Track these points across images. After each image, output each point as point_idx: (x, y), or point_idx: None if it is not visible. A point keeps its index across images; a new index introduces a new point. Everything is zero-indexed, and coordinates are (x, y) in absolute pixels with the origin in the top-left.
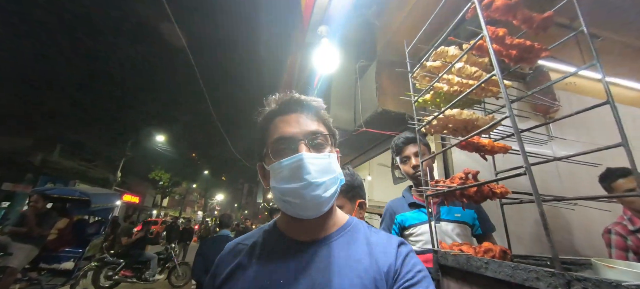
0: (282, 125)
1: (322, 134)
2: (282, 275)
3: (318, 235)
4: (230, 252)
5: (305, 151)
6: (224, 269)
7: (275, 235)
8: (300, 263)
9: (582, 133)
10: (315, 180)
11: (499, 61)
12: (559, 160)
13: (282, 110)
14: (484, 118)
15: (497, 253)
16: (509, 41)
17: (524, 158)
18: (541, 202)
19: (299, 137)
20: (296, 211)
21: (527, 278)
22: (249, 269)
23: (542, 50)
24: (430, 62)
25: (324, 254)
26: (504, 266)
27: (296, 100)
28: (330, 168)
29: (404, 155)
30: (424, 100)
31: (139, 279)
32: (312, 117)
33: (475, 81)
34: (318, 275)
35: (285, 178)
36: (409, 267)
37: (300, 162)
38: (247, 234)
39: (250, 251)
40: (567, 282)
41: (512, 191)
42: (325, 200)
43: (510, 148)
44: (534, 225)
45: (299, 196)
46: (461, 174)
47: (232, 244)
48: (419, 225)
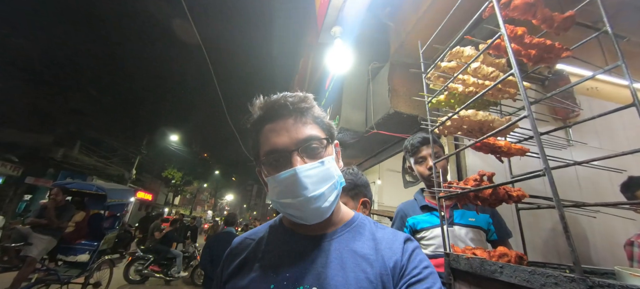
0: (272, 135)
1: (316, 138)
2: (289, 269)
3: (324, 230)
4: (237, 247)
5: (299, 165)
6: (230, 264)
7: (281, 230)
8: (307, 257)
9: (605, 140)
10: (313, 194)
11: (518, 61)
12: (580, 164)
13: (269, 116)
14: (500, 119)
15: (512, 258)
16: (528, 40)
17: (543, 159)
18: (561, 205)
19: (290, 148)
20: (298, 219)
21: (545, 283)
22: (255, 263)
23: (563, 50)
24: (445, 63)
25: (329, 248)
26: (520, 271)
27: (282, 104)
28: (327, 175)
29: (420, 156)
30: (438, 100)
31: (166, 275)
32: (303, 120)
33: (491, 82)
34: (324, 269)
35: (283, 193)
36: (415, 263)
37: (294, 177)
38: (254, 230)
39: (257, 246)
40: (588, 287)
41: (529, 196)
42: (326, 209)
43: (527, 150)
44: (550, 232)
45: (298, 208)
46: (476, 176)
47: (239, 239)
48: (430, 228)
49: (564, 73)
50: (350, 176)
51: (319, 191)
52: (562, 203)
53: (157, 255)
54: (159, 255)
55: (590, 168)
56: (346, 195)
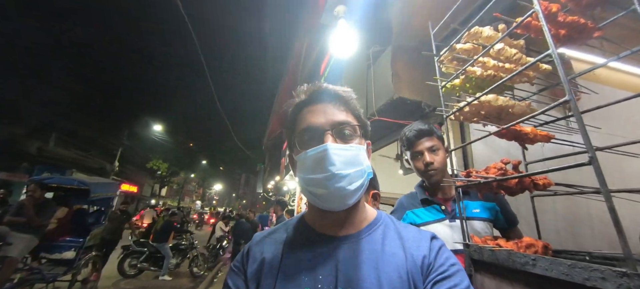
0: (309, 115)
1: (350, 125)
2: (321, 272)
3: (349, 230)
4: (260, 244)
5: (330, 142)
6: (254, 262)
7: (306, 230)
8: (337, 259)
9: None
10: (339, 172)
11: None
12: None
13: (310, 100)
14: (520, 104)
15: (539, 249)
16: (561, 19)
17: (588, 145)
18: (610, 196)
19: (325, 127)
20: (320, 202)
21: (589, 278)
22: (283, 265)
23: (595, 29)
24: (461, 44)
25: (359, 249)
26: (558, 264)
27: (324, 90)
28: (356, 160)
29: (416, 150)
30: (452, 85)
31: (161, 268)
32: (340, 107)
33: (512, 64)
34: (356, 271)
35: (310, 168)
36: (442, 260)
37: (324, 153)
38: (272, 228)
39: (282, 246)
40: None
41: (554, 184)
42: (350, 193)
43: (553, 136)
44: (563, 218)
45: (322, 186)
46: (500, 164)
47: (260, 237)
48: (430, 223)
49: (565, 56)
50: None
51: (346, 172)
52: (609, 192)
53: (151, 249)
54: (152, 249)
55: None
56: None
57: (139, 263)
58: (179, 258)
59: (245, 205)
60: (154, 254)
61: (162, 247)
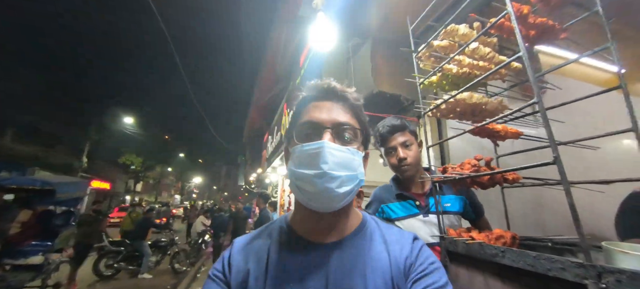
0: (314, 110)
1: (352, 127)
2: (310, 281)
3: (336, 237)
4: (240, 253)
5: (328, 140)
6: (236, 276)
7: (292, 236)
8: (326, 268)
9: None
10: (330, 172)
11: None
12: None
13: (317, 96)
14: (492, 101)
15: (508, 240)
16: (531, 20)
17: (552, 145)
18: (570, 190)
19: (326, 125)
20: (307, 199)
21: (551, 269)
22: (267, 277)
23: (561, 30)
24: (438, 41)
25: (346, 257)
26: (524, 255)
27: (333, 88)
28: (350, 164)
29: (389, 146)
30: (429, 82)
31: (137, 268)
32: (345, 109)
33: (486, 63)
34: (345, 279)
35: (303, 163)
36: (422, 259)
37: (320, 150)
38: (254, 233)
39: (265, 255)
40: (598, 273)
41: (522, 178)
42: (338, 196)
43: (521, 133)
44: (530, 206)
45: (311, 183)
46: (474, 161)
47: (241, 245)
48: (405, 218)
49: (533, 50)
50: None
51: (337, 173)
52: (570, 183)
53: (128, 248)
54: (130, 248)
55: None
56: None
57: (116, 263)
58: (159, 255)
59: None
60: (131, 253)
61: (140, 245)
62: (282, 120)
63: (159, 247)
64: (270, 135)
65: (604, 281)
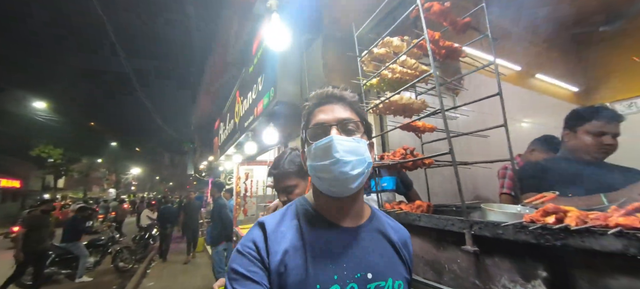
0: (319, 114)
1: (353, 121)
2: (344, 259)
3: (358, 222)
4: (274, 234)
5: (335, 134)
6: (273, 257)
7: (319, 220)
8: (354, 247)
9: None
10: (343, 158)
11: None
12: (464, 134)
13: (320, 102)
14: (417, 102)
15: (424, 208)
16: (441, 43)
17: (448, 141)
18: (457, 169)
19: (331, 123)
20: (327, 186)
21: (446, 225)
22: (306, 252)
23: (461, 51)
24: (377, 49)
25: (367, 238)
26: (431, 218)
27: (332, 93)
28: (358, 150)
29: None
30: (370, 84)
31: (73, 271)
32: (345, 107)
33: (412, 71)
34: (370, 257)
35: (318, 157)
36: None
37: (330, 142)
38: (277, 216)
39: (298, 235)
40: (470, 225)
41: (434, 162)
42: (352, 177)
43: (435, 128)
44: (445, 179)
45: (328, 171)
46: (402, 150)
47: (273, 227)
48: None
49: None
50: (299, 158)
51: (348, 158)
52: (457, 164)
53: (58, 252)
54: (60, 252)
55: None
56: (296, 177)
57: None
58: (98, 255)
59: (172, 188)
60: (62, 256)
61: (74, 246)
62: (235, 107)
63: (97, 246)
64: (222, 122)
65: (474, 229)
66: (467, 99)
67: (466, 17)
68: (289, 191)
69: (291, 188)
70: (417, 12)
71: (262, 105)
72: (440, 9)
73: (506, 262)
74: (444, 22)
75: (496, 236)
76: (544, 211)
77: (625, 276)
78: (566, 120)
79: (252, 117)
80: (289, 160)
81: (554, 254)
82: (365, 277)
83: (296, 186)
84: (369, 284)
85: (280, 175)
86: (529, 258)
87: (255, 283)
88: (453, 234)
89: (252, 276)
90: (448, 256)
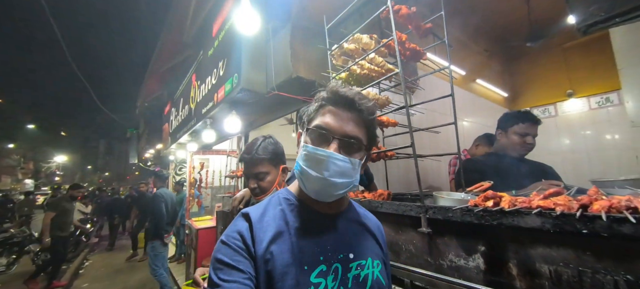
0: (330, 115)
1: (358, 140)
2: (327, 242)
3: (338, 209)
4: (260, 223)
5: (333, 150)
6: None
7: (302, 208)
8: (335, 231)
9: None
10: (331, 179)
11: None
12: (424, 130)
13: (337, 102)
14: (382, 98)
15: (385, 196)
16: (407, 45)
17: (410, 134)
18: (417, 162)
19: (335, 135)
20: (309, 191)
21: (405, 210)
22: (292, 237)
23: (424, 54)
24: (347, 44)
25: (347, 224)
26: (392, 205)
27: (352, 100)
28: (348, 172)
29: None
30: (340, 77)
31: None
32: (358, 122)
33: (378, 68)
34: (351, 239)
35: (310, 162)
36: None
37: (325, 158)
38: (261, 206)
39: (283, 222)
40: (425, 210)
41: (395, 155)
42: (335, 195)
43: (397, 123)
44: (402, 171)
45: (314, 182)
46: None
47: (257, 217)
48: None
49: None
50: (272, 146)
51: (336, 180)
52: (417, 156)
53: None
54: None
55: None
56: (269, 164)
57: None
58: (11, 256)
59: (108, 178)
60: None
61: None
62: (191, 92)
63: (9, 245)
64: (174, 107)
65: (429, 213)
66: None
67: (427, 23)
68: (260, 178)
69: (263, 174)
70: (387, 13)
71: (223, 92)
72: (407, 12)
73: (453, 240)
74: (409, 25)
75: (447, 218)
76: (485, 197)
77: (541, 246)
78: (499, 122)
79: (212, 104)
80: (263, 146)
81: (490, 232)
82: (348, 257)
83: (268, 173)
84: (351, 263)
85: (253, 160)
86: (471, 236)
87: (240, 271)
88: (410, 218)
89: (237, 265)
90: (405, 238)
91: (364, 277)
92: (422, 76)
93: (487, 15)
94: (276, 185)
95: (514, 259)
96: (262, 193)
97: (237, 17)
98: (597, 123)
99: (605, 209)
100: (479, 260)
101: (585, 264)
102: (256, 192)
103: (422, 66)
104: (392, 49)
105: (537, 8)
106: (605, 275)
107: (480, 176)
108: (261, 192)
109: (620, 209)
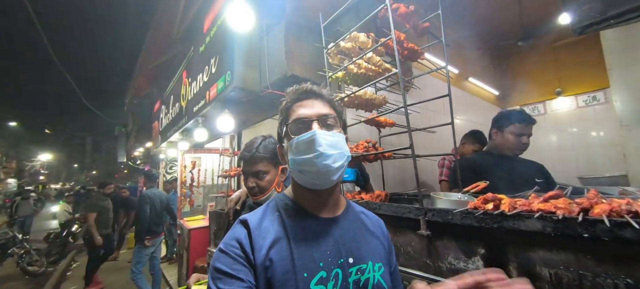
0: (299, 108)
1: (332, 116)
2: (326, 246)
3: (336, 212)
4: (258, 230)
5: (317, 129)
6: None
7: (300, 212)
8: (334, 235)
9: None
10: (325, 151)
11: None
12: (422, 130)
13: (299, 98)
14: (379, 97)
15: (383, 197)
16: (405, 44)
17: (409, 136)
18: (416, 160)
19: (313, 118)
20: (309, 179)
21: (404, 213)
22: (290, 242)
23: (421, 53)
24: (344, 43)
25: (346, 227)
26: (391, 206)
27: (311, 89)
28: (338, 144)
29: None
30: (336, 76)
31: None
32: (325, 103)
33: (376, 67)
34: (351, 243)
35: (301, 150)
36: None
37: (313, 136)
38: (258, 212)
39: (280, 227)
40: (424, 212)
41: (393, 155)
42: (334, 170)
43: (395, 123)
44: (397, 171)
45: (312, 164)
46: (364, 143)
47: (255, 224)
48: None
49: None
50: (272, 145)
51: (330, 152)
52: (416, 157)
53: None
54: None
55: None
56: (269, 163)
57: None
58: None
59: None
60: None
61: None
62: (181, 89)
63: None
64: (165, 104)
65: (428, 215)
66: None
67: (425, 22)
68: (259, 177)
69: (262, 173)
70: (385, 11)
71: (215, 90)
72: (406, 11)
73: (453, 243)
74: (407, 24)
75: (446, 221)
76: (484, 199)
77: (542, 249)
78: (494, 121)
79: (204, 102)
80: (263, 145)
81: (490, 234)
82: (347, 262)
83: (267, 172)
84: (351, 268)
85: (253, 159)
86: (471, 238)
87: (240, 280)
88: (409, 220)
89: (236, 274)
90: (404, 240)
91: (364, 281)
92: (418, 75)
93: (480, 14)
94: (275, 185)
95: (514, 262)
96: (261, 193)
97: (230, 12)
98: (584, 121)
99: (606, 213)
100: (479, 263)
101: (586, 268)
102: (254, 191)
103: (417, 65)
104: (390, 48)
105: (528, 8)
106: (606, 279)
107: (475, 176)
108: (260, 191)
109: (621, 213)
